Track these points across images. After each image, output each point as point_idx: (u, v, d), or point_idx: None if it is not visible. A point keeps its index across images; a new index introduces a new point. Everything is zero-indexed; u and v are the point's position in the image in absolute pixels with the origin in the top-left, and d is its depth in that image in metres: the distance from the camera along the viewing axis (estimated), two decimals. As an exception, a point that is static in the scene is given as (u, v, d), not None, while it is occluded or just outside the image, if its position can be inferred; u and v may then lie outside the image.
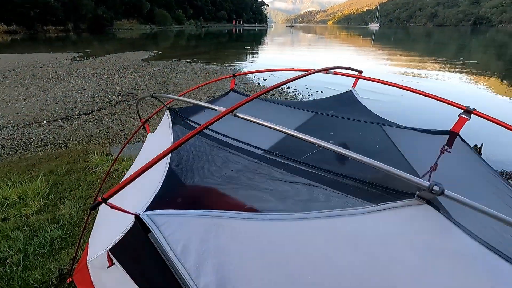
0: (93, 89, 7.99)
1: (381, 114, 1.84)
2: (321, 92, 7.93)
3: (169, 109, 1.73)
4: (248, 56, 17.43)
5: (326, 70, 1.44)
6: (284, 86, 8.35)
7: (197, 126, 0.98)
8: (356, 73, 1.78)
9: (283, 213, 0.95)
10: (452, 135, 1.41)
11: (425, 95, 1.44)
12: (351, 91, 2.10)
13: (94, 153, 3.95)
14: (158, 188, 1.11)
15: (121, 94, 7.56)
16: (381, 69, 12.36)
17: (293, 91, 8.01)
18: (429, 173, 1.21)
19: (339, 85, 7.81)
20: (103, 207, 0.91)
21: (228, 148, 1.38)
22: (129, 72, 10.60)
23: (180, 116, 1.70)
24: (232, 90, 2.12)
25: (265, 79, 9.51)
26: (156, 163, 0.85)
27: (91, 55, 15.69)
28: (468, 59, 16.28)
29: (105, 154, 3.95)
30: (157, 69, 11.32)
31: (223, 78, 2.15)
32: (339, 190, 1.03)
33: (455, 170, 1.30)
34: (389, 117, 1.74)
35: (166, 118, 1.69)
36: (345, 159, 1.11)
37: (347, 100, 2.03)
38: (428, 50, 23.95)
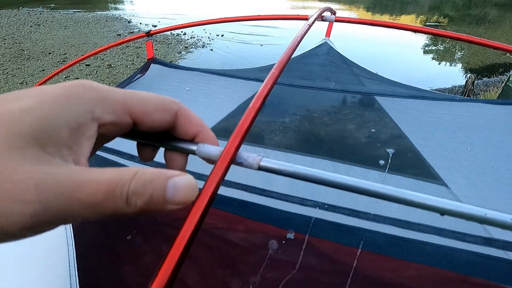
0: None
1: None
2: (261, 45, 6.56)
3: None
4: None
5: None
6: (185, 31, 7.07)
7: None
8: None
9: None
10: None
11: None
12: (325, 42, 1.52)
13: None
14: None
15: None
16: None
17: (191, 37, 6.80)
18: None
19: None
20: None
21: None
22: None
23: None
24: (153, 60, 1.27)
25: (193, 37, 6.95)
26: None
27: None
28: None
29: None
30: (-1, 22, 8.16)
31: (131, 40, 1.26)
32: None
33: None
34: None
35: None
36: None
37: (327, 56, 1.45)
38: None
